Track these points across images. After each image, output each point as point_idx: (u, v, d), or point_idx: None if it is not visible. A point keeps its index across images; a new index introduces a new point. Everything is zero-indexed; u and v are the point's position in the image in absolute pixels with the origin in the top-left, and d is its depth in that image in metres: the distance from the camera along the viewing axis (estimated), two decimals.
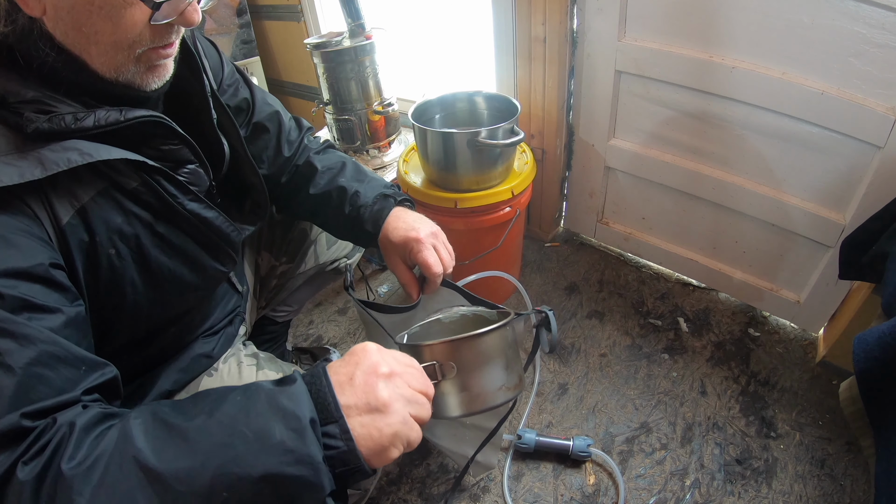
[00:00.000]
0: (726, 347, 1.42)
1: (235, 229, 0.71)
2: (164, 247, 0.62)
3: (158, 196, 0.59)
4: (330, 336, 1.58)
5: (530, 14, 1.34)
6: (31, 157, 0.46)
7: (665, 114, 1.35)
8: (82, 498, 0.37)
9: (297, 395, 0.43)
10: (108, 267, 0.55)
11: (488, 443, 0.95)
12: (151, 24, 0.51)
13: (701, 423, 1.24)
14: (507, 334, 0.59)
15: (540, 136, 1.56)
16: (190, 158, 0.65)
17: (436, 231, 0.82)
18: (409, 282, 0.81)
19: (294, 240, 1.05)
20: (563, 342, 1.47)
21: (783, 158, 1.21)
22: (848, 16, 0.98)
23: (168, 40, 0.55)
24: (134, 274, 0.59)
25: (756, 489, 1.11)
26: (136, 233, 0.58)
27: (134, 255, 0.58)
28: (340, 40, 1.52)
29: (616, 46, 1.30)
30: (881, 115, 1.01)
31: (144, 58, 0.54)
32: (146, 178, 0.58)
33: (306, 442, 0.40)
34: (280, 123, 0.88)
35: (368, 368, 0.46)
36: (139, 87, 0.56)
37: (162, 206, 0.60)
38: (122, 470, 0.38)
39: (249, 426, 0.40)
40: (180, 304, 0.69)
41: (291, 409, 0.41)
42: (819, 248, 1.27)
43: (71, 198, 0.51)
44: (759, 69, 1.13)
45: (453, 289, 0.81)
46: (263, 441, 0.39)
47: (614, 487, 1.13)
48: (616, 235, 1.68)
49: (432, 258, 0.75)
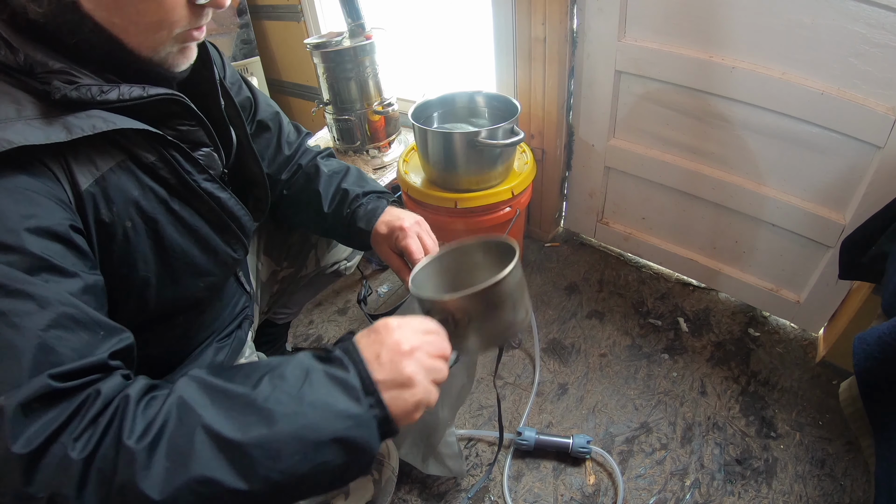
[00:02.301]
0: (726, 347, 1.42)
1: (247, 213, 0.72)
2: (177, 225, 0.62)
3: (175, 172, 0.60)
4: (330, 336, 1.59)
5: (530, 14, 1.34)
6: (56, 122, 0.48)
7: (665, 114, 1.35)
8: (149, 471, 0.36)
9: (347, 367, 0.47)
10: (123, 239, 0.56)
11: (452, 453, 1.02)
12: (190, 4, 0.53)
13: (701, 423, 1.24)
14: (514, 278, 0.60)
15: (540, 136, 1.56)
16: (205, 141, 0.66)
17: (419, 220, 0.86)
18: (401, 268, 0.84)
19: (294, 244, 1.06)
20: (563, 342, 1.47)
21: (783, 158, 1.21)
22: (848, 16, 0.98)
23: (201, 22, 0.57)
24: (147, 249, 0.59)
25: (756, 489, 1.11)
26: (151, 207, 0.58)
27: (148, 230, 0.59)
28: (340, 40, 1.52)
29: (616, 46, 1.30)
30: (881, 115, 1.01)
31: (180, 38, 0.56)
32: (164, 154, 0.59)
33: (363, 409, 0.45)
34: (280, 124, 0.91)
35: (392, 347, 0.50)
36: (169, 67, 0.58)
37: (178, 182, 0.61)
38: (191, 440, 0.39)
39: (315, 396, 0.44)
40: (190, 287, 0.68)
41: (346, 379, 0.46)
42: (819, 248, 1.27)
43: (91, 166, 0.52)
44: (759, 69, 1.13)
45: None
46: (330, 409, 0.44)
47: (614, 487, 1.13)
48: (616, 235, 1.68)
49: (415, 245, 0.80)
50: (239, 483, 0.38)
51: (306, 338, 1.59)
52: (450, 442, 1.04)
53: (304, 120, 2.28)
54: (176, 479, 0.37)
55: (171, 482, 0.37)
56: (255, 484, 0.39)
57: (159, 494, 0.36)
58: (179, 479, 0.37)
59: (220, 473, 0.38)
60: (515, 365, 1.43)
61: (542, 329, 1.51)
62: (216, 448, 0.39)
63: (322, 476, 0.43)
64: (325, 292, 1.72)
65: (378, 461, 0.74)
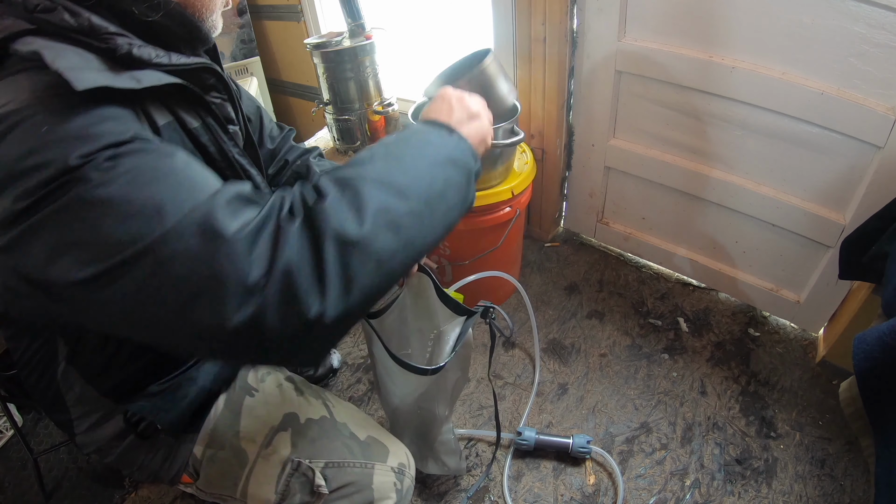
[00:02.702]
0: (726, 347, 1.42)
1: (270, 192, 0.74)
2: None
3: (215, 140, 0.63)
4: None
5: (530, 14, 1.34)
6: (123, 73, 0.50)
7: (665, 114, 1.35)
8: (345, 218, 0.45)
9: (429, 125, 0.61)
10: None
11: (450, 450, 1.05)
12: None
13: (701, 423, 1.24)
14: (491, 66, 1.06)
15: (540, 136, 1.56)
16: (233, 117, 0.68)
17: None
18: None
19: None
20: (563, 342, 1.47)
21: (783, 158, 1.21)
22: (848, 16, 0.98)
23: None
24: None
25: (756, 489, 1.11)
26: None
27: None
28: (340, 40, 1.52)
29: (616, 46, 1.30)
30: (881, 115, 1.01)
31: (222, 2, 0.62)
32: (205, 121, 0.61)
33: (454, 138, 0.60)
34: (262, 119, 0.93)
35: (457, 96, 0.66)
36: (210, 29, 0.62)
37: (217, 150, 0.63)
38: (360, 190, 0.48)
39: (422, 140, 0.58)
40: None
41: (432, 129, 0.60)
42: (819, 248, 1.27)
43: (151, 120, 0.55)
44: (759, 69, 1.13)
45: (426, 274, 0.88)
46: (434, 144, 0.58)
47: (614, 487, 1.13)
48: (616, 235, 1.68)
49: None
50: (402, 204, 0.49)
51: None
52: (447, 439, 1.04)
53: (304, 120, 2.28)
54: (364, 217, 0.46)
55: (361, 219, 0.46)
56: (411, 202, 0.50)
57: (358, 229, 0.45)
58: (366, 215, 0.46)
59: (386, 201, 0.48)
60: (515, 365, 1.43)
61: (542, 329, 1.51)
62: (375, 185, 0.49)
63: (451, 191, 0.55)
64: None
65: (400, 471, 0.81)
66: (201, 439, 0.76)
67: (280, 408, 0.80)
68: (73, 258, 0.42)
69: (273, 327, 0.42)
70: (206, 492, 0.78)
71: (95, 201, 0.42)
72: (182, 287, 0.42)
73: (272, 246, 0.43)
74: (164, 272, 0.42)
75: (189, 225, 0.42)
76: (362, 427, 0.84)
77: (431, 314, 0.91)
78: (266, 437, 0.76)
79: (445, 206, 0.54)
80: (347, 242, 0.45)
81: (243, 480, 0.75)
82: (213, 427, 0.76)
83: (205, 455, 0.75)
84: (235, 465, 0.75)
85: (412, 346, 0.97)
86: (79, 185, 0.42)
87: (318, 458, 0.76)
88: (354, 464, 0.78)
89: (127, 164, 0.44)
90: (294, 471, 0.74)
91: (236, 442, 0.76)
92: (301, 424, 0.79)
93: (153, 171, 0.45)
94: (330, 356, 1.47)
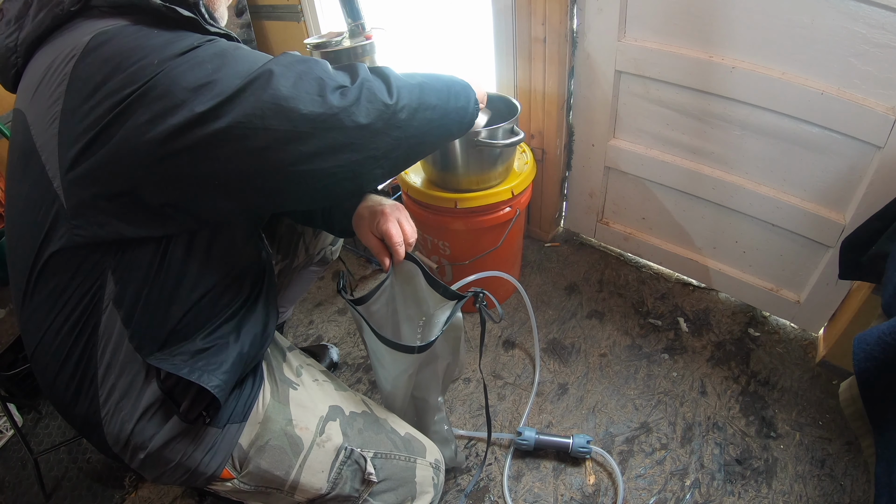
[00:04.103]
0: (726, 347, 1.42)
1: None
2: None
3: None
4: (330, 336, 1.59)
5: (530, 14, 1.34)
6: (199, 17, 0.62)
7: (665, 114, 1.35)
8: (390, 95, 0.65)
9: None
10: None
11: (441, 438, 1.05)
12: None
13: (701, 423, 1.24)
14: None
15: (540, 136, 1.56)
16: None
17: (398, 206, 0.89)
18: (380, 250, 0.86)
19: (283, 235, 1.08)
20: (563, 342, 1.47)
21: (783, 158, 1.21)
22: (848, 16, 0.98)
23: None
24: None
25: (756, 489, 1.11)
26: None
27: None
28: (340, 40, 1.51)
29: (616, 46, 1.30)
30: (881, 115, 1.01)
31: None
32: None
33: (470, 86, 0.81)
34: None
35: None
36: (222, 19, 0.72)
37: None
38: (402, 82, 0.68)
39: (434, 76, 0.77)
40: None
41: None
42: (819, 248, 1.27)
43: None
44: (759, 69, 1.13)
45: (414, 262, 0.89)
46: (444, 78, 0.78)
47: (614, 487, 1.13)
48: (616, 235, 1.68)
49: (394, 229, 0.84)
50: (426, 98, 0.70)
51: (307, 338, 1.59)
52: (440, 429, 1.04)
53: None
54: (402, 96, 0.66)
55: (396, 81, 0.67)
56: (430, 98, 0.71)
57: (393, 97, 0.65)
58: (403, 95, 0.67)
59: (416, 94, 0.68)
60: (515, 365, 1.43)
61: (542, 329, 1.51)
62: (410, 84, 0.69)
63: (455, 105, 0.76)
64: (325, 293, 1.72)
65: (437, 467, 0.86)
66: (249, 428, 0.73)
67: (324, 400, 0.81)
68: (198, 98, 0.54)
69: (363, 101, 0.62)
70: (250, 486, 0.74)
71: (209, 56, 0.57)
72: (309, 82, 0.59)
73: (352, 73, 0.65)
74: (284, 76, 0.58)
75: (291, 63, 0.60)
76: (399, 424, 0.86)
77: (420, 301, 0.92)
78: (318, 425, 0.77)
79: (450, 110, 0.75)
80: (393, 80, 0.67)
81: (296, 469, 0.74)
82: (263, 415, 0.75)
83: (253, 444, 0.73)
84: (289, 454, 0.74)
85: (403, 334, 0.98)
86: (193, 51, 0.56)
87: (368, 449, 0.78)
88: (399, 457, 0.81)
89: (219, 46, 0.59)
90: (347, 458, 0.76)
91: (290, 429, 0.75)
92: (347, 416, 0.80)
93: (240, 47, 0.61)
94: (329, 350, 1.48)
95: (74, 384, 0.65)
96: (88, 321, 0.63)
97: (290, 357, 0.87)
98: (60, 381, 0.65)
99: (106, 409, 0.65)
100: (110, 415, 0.65)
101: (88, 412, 0.66)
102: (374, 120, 0.63)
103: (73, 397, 0.66)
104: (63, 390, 0.66)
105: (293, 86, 0.58)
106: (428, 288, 0.89)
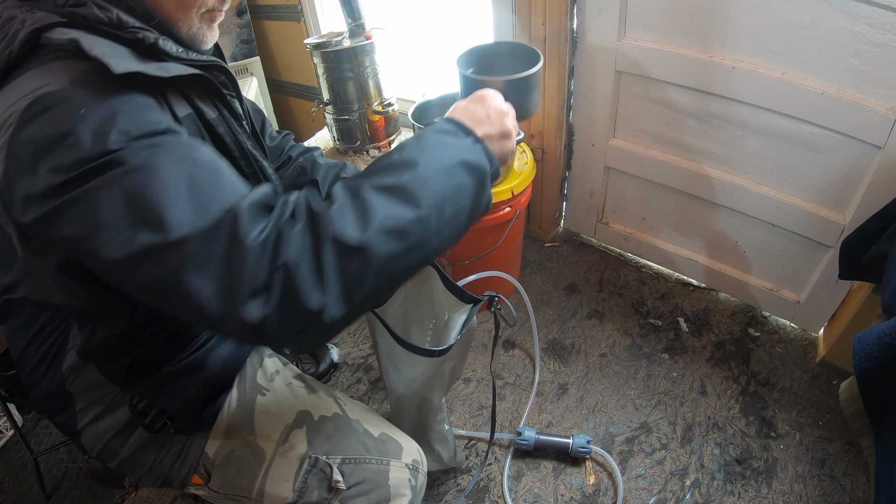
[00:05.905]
0: (726, 347, 1.42)
1: (280, 183, 0.76)
2: None
3: (231, 131, 0.66)
4: None
5: (530, 14, 1.34)
6: (151, 63, 0.53)
7: (665, 114, 1.35)
8: (345, 223, 0.47)
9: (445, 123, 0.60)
10: None
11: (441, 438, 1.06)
12: None
13: (701, 423, 1.24)
14: (538, 74, 0.92)
15: (540, 136, 1.56)
16: (240, 113, 0.70)
17: None
18: None
19: None
20: (563, 342, 1.47)
21: (783, 158, 1.21)
22: (848, 16, 0.98)
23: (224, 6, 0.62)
24: None
25: (756, 489, 1.11)
26: None
27: None
28: (340, 40, 1.52)
29: (616, 46, 1.30)
30: (881, 115, 1.01)
31: (206, 17, 0.62)
32: (222, 113, 0.64)
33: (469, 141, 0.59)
34: (263, 119, 0.94)
35: (496, 109, 0.64)
36: (199, 42, 0.63)
37: (232, 140, 0.66)
38: (365, 197, 0.49)
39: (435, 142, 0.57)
40: None
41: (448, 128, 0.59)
42: (819, 248, 1.27)
43: (173, 110, 0.58)
44: (759, 69, 1.13)
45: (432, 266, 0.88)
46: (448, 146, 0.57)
47: (614, 487, 1.13)
48: (616, 235, 1.68)
49: None
50: (409, 211, 0.50)
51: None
52: (440, 429, 1.04)
53: (304, 120, 2.28)
54: (367, 224, 0.48)
55: (364, 226, 0.48)
56: (420, 209, 0.50)
57: (359, 235, 0.47)
58: (370, 223, 0.48)
59: (393, 209, 0.49)
60: (515, 365, 1.43)
61: (542, 329, 1.51)
62: (383, 193, 0.50)
63: (462, 196, 0.55)
64: None
65: (414, 468, 0.82)
66: (214, 437, 0.75)
67: (293, 406, 0.80)
68: (106, 237, 0.46)
69: (277, 321, 0.46)
70: (220, 493, 0.77)
71: (132, 187, 0.46)
72: (202, 278, 0.46)
73: (274, 249, 0.46)
74: (189, 264, 0.46)
75: (222, 224, 0.47)
76: (375, 424, 0.84)
77: (432, 303, 0.92)
78: (282, 434, 0.76)
79: (454, 210, 0.54)
80: (347, 247, 0.47)
81: (260, 479, 0.74)
82: (227, 425, 0.76)
83: (218, 454, 0.75)
84: (252, 464, 0.74)
85: (412, 334, 0.97)
86: (117, 168, 0.46)
87: (335, 455, 0.76)
88: (370, 460, 0.79)
89: (162, 153, 0.48)
90: (311, 467, 0.75)
91: (252, 439, 0.75)
92: (315, 422, 0.79)
93: (190, 163, 0.49)
94: (329, 350, 1.48)
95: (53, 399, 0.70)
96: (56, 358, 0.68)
97: (266, 363, 0.86)
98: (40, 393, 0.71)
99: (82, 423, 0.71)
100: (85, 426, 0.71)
101: (68, 423, 0.72)
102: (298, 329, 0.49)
103: (53, 410, 0.72)
104: (43, 401, 0.71)
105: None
106: (444, 291, 0.88)
